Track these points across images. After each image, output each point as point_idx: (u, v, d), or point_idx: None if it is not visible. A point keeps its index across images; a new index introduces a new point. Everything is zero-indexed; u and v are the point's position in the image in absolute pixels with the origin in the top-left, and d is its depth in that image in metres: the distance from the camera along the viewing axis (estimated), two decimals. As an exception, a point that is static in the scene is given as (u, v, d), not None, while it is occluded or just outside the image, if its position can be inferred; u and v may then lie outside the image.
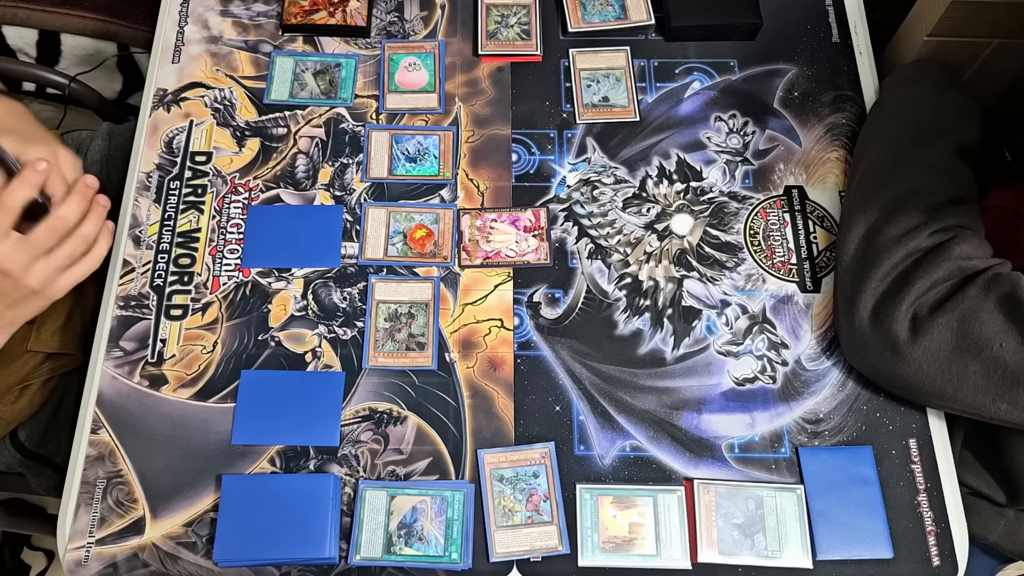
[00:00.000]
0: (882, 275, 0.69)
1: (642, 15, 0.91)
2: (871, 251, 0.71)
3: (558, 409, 0.75)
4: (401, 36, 0.91)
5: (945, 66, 0.84)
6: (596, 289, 0.79)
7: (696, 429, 0.74)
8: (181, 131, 0.86)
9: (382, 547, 0.69)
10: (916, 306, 0.67)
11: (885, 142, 0.79)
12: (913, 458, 0.73)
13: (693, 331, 0.78)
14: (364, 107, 0.87)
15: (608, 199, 0.83)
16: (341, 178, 0.84)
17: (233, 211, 0.82)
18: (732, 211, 0.83)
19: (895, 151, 0.77)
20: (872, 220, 0.72)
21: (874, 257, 0.70)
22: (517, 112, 0.87)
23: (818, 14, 0.93)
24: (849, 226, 0.74)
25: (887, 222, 0.71)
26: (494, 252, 0.80)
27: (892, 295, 0.68)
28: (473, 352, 0.77)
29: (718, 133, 0.86)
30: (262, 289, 0.79)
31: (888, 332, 0.67)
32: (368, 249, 0.80)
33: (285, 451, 0.73)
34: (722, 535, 0.70)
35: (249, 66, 0.89)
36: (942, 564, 0.70)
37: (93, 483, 0.71)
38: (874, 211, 0.73)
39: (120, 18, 1.13)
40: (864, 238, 0.72)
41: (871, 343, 0.69)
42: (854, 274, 0.72)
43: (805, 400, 0.75)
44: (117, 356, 0.76)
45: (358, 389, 0.75)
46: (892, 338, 0.67)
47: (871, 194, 0.74)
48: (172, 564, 0.69)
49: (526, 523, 0.70)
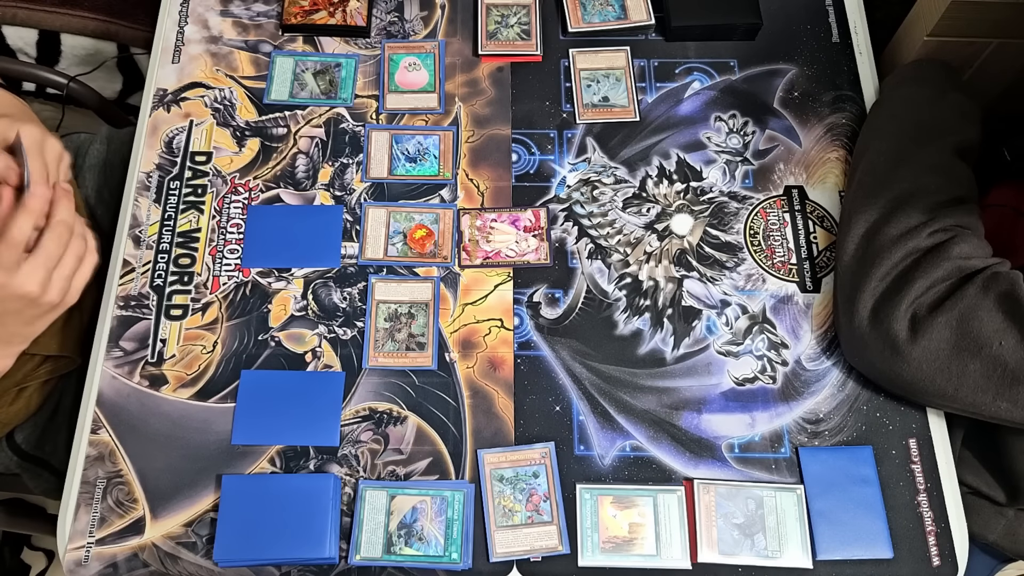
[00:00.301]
0: (882, 275, 0.69)
1: (642, 15, 0.91)
2: (871, 251, 0.71)
3: (558, 409, 0.75)
4: (401, 36, 0.91)
5: (945, 66, 0.84)
6: (596, 289, 0.79)
7: (696, 429, 0.74)
8: (181, 131, 0.86)
9: (382, 547, 0.69)
10: (916, 306, 0.67)
11: (885, 142, 0.79)
12: (913, 458, 0.73)
13: (693, 331, 0.78)
14: (364, 107, 0.87)
15: (608, 199, 0.83)
16: (341, 178, 0.84)
17: (233, 211, 0.82)
18: (732, 211, 0.83)
19: (895, 151, 0.77)
20: (872, 220, 0.72)
21: (874, 257, 0.70)
22: (517, 112, 0.87)
23: (818, 14, 0.93)
24: (849, 226, 0.74)
25: (887, 222, 0.71)
26: (494, 252, 0.80)
27: (892, 295, 0.68)
28: (473, 352, 0.77)
29: (718, 133, 0.86)
30: (262, 289, 0.79)
31: (888, 332, 0.67)
32: (368, 249, 0.80)
33: (285, 451, 0.73)
34: (722, 535, 0.70)
35: (249, 66, 0.89)
36: (942, 564, 0.70)
37: (93, 483, 0.71)
38: (874, 211, 0.73)
39: (120, 18, 1.13)
40: (864, 238, 0.72)
41: (871, 343, 0.69)
42: (854, 274, 0.72)
43: (805, 400, 0.75)
44: (117, 356, 0.76)
45: (358, 389, 0.75)
46: (892, 337, 0.67)
47: (871, 194, 0.74)
48: (172, 564, 0.69)
49: (526, 523, 0.70)
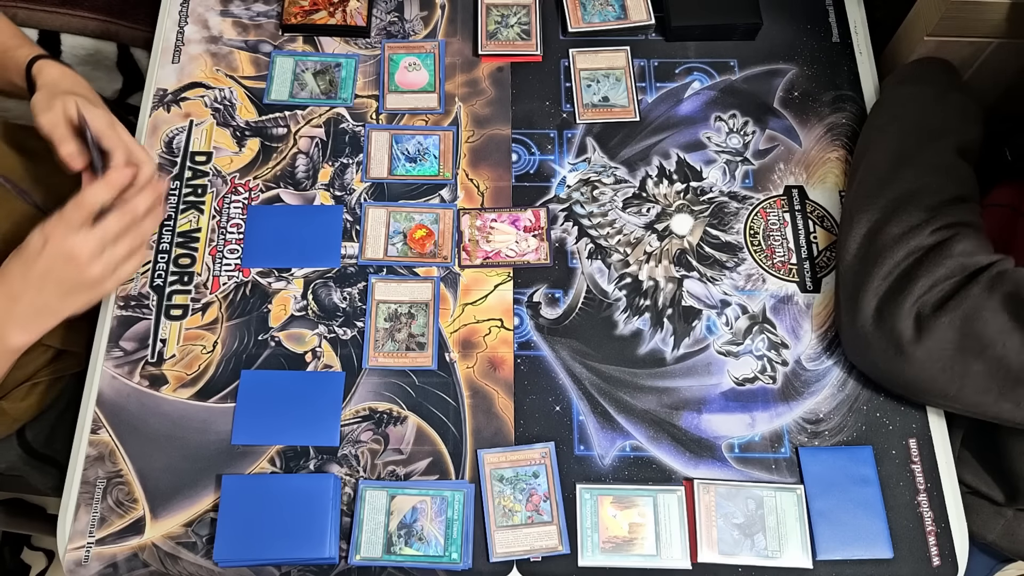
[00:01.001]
0: (884, 274, 0.69)
1: (642, 15, 0.91)
2: (873, 250, 0.71)
3: (558, 409, 0.75)
4: (401, 36, 0.91)
5: (946, 66, 0.84)
6: (596, 289, 0.79)
7: (696, 429, 0.74)
8: (181, 131, 0.86)
9: (382, 547, 0.69)
10: (919, 304, 0.67)
11: (886, 142, 0.78)
12: (913, 458, 0.73)
13: (693, 331, 0.78)
14: (364, 107, 0.87)
15: (608, 199, 0.83)
16: (341, 178, 0.84)
17: (233, 211, 0.82)
18: (732, 211, 0.83)
19: (896, 151, 0.77)
20: (874, 219, 0.72)
21: (876, 256, 0.70)
22: (517, 112, 0.87)
23: (818, 14, 0.93)
24: (850, 225, 0.74)
25: (888, 221, 0.71)
26: (494, 252, 0.80)
27: (895, 294, 0.68)
28: (473, 352, 0.77)
29: (718, 133, 0.86)
30: (262, 289, 0.79)
31: (892, 331, 0.67)
32: (368, 249, 0.80)
33: (285, 451, 0.73)
34: (722, 535, 0.70)
35: (249, 66, 0.89)
36: (942, 564, 0.70)
37: (93, 483, 0.72)
38: (875, 210, 0.73)
39: (120, 18, 1.13)
40: (866, 237, 0.72)
41: (874, 342, 0.69)
42: (856, 273, 0.72)
43: (805, 400, 0.75)
44: (117, 356, 0.76)
45: (358, 389, 0.75)
46: (896, 337, 0.67)
47: (872, 193, 0.74)
48: (172, 564, 0.69)
49: (526, 523, 0.70)
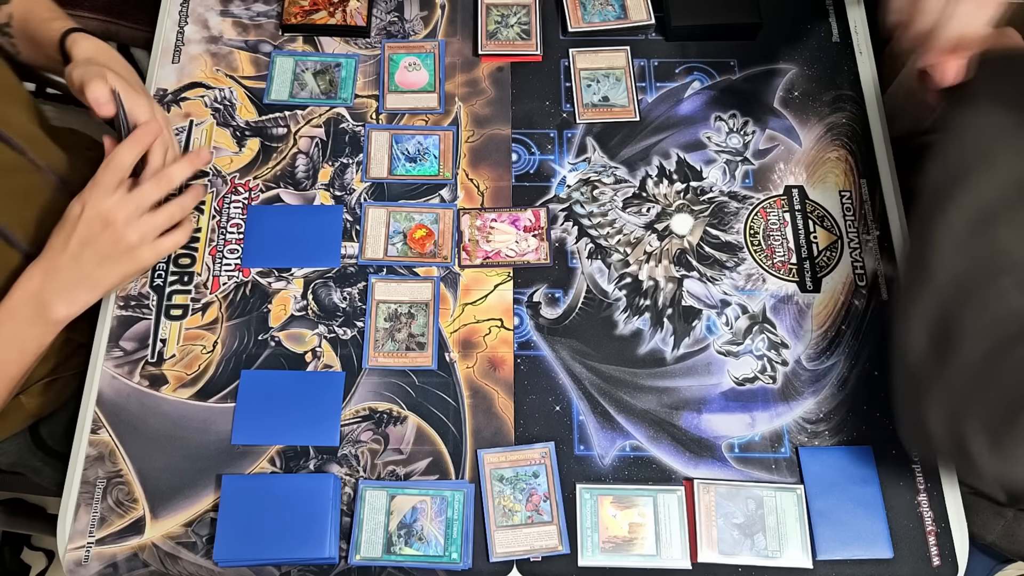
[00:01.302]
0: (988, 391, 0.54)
1: (642, 15, 0.91)
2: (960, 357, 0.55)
3: (558, 409, 0.75)
4: (401, 36, 0.91)
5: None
6: (596, 289, 0.79)
7: (696, 429, 0.74)
8: (181, 131, 0.86)
9: (382, 547, 0.69)
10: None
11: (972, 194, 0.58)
12: (913, 458, 0.73)
13: (693, 331, 0.78)
14: (364, 107, 0.87)
15: (608, 199, 0.83)
16: (341, 178, 0.84)
17: (233, 211, 0.82)
18: (732, 211, 0.83)
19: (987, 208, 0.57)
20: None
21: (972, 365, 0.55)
22: (517, 112, 0.87)
23: (818, 14, 0.93)
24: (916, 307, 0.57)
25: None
26: (494, 252, 0.80)
27: (1011, 417, 0.52)
28: (473, 352, 0.77)
29: (718, 133, 0.86)
30: (262, 289, 0.79)
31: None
32: (368, 249, 0.80)
33: (285, 451, 0.73)
34: (722, 535, 0.70)
35: (249, 66, 0.89)
36: (942, 564, 0.70)
37: (93, 483, 0.72)
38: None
39: (120, 18, 1.13)
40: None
41: (987, 470, 0.55)
42: (931, 379, 0.56)
43: (805, 400, 0.75)
44: (117, 356, 0.76)
45: (358, 389, 0.75)
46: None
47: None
48: (172, 564, 0.69)
49: (526, 523, 0.70)
